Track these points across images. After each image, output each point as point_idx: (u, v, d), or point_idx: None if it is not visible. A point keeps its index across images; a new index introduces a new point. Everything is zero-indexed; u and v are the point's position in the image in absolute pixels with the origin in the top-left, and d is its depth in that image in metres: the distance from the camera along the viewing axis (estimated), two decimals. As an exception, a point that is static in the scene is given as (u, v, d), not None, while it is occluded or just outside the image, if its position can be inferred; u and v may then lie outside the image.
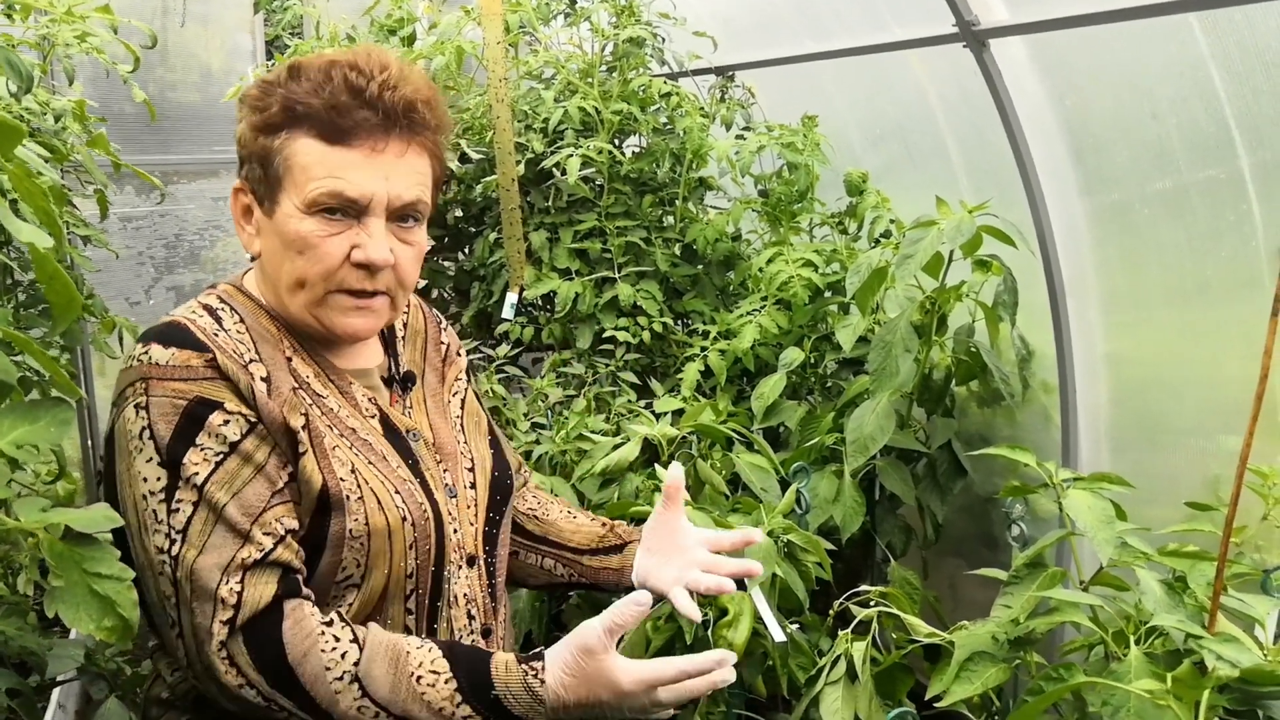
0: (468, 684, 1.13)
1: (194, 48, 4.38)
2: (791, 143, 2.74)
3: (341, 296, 1.21)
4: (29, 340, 0.82)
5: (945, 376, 2.38)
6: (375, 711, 1.10)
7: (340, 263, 1.19)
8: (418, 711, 1.11)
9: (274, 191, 1.20)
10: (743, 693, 1.98)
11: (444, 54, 2.93)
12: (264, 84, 1.22)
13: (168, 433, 1.11)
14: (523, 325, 2.90)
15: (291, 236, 1.18)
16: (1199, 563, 1.52)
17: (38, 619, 1.98)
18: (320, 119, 1.17)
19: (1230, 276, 1.98)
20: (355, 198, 1.17)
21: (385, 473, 1.23)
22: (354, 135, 1.17)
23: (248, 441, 1.14)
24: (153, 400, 1.12)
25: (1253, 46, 1.74)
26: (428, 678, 1.12)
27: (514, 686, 1.14)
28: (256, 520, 1.11)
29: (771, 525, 1.88)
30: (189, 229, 4.38)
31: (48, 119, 2.29)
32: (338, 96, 1.17)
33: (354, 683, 1.09)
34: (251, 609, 1.08)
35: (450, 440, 1.35)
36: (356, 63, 1.19)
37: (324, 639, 1.10)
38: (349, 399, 1.26)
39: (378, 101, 1.17)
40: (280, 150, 1.18)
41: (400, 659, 1.12)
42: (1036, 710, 1.21)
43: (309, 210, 1.17)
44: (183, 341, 1.16)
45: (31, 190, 0.96)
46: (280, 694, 1.09)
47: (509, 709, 1.14)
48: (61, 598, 0.78)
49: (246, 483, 1.12)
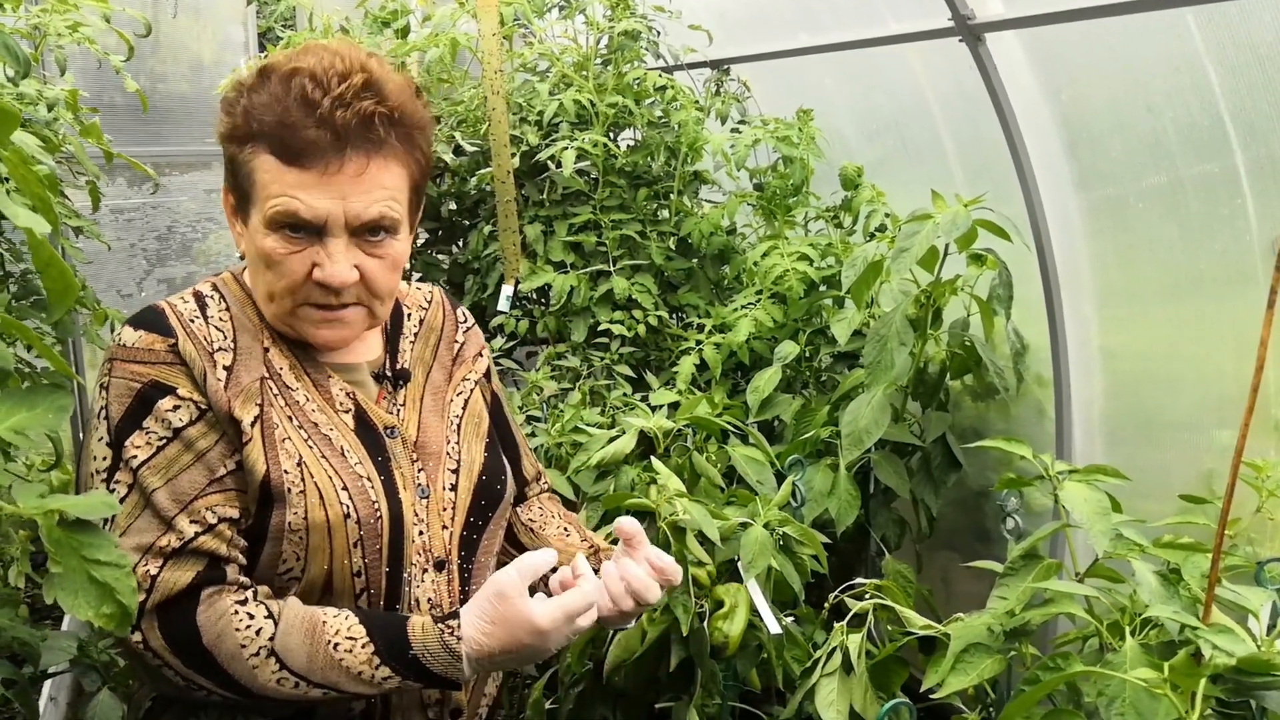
0: (384, 646, 1.14)
1: (185, 39, 4.36)
2: (787, 136, 2.74)
3: (309, 309, 1.21)
4: (24, 326, 0.81)
5: (940, 370, 2.39)
6: (295, 682, 1.11)
7: (303, 280, 1.18)
8: (337, 678, 1.12)
9: (246, 202, 1.20)
10: (737, 685, 1.99)
11: (438, 46, 2.92)
12: (237, 85, 1.19)
13: (119, 413, 1.13)
14: (517, 318, 2.89)
15: (258, 251, 1.18)
16: (1193, 555, 1.52)
17: (29, 612, 1.97)
18: (274, 137, 1.14)
19: (1224, 271, 1.99)
20: (310, 219, 1.15)
21: (338, 468, 1.21)
22: (306, 156, 1.14)
23: (193, 429, 1.15)
24: (113, 380, 1.15)
25: (1247, 41, 1.74)
26: (344, 644, 1.13)
27: (431, 645, 1.15)
28: (186, 508, 1.12)
29: (767, 518, 1.88)
30: (181, 221, 4.36)
31: (40, 109, 2.27)
32: (290, 114, 1.13)
33: (270, 657, 1.10)
34: (164, 593, 1.09)
35: (437, 440, 1.32)
36: (315, 72, 1.14)
37: (237, 618, 1.11)
38: (322, 392, 1.25)
39: (329, 119, 1.13)
40: (246, 163, 1.17)
41: (316, 629, 1.13)
42: (1034, 699, 1.21)
43: (270, 227, 1.17)
44: (151, 325, 1.17)
45: (28, 177, 0.95)
46: (198, 674, 1.10)
47: (428, 667, 1.14)
48: (60, 584, 0.78)
49: (183, 470, 1.13)
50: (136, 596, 0.83)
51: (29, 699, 1.52)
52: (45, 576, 0.80)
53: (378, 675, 1.13)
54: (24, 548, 2.62)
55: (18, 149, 0.96)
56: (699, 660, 1.85)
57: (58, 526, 0.80)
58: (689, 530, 1.83)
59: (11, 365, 0.82)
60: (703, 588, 1.84)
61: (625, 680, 1.91)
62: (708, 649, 1.82)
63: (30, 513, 0.76)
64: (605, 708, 2.04)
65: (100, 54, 2.55)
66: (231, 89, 1.20)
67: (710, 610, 1.83)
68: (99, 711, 1.90)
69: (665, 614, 1.83)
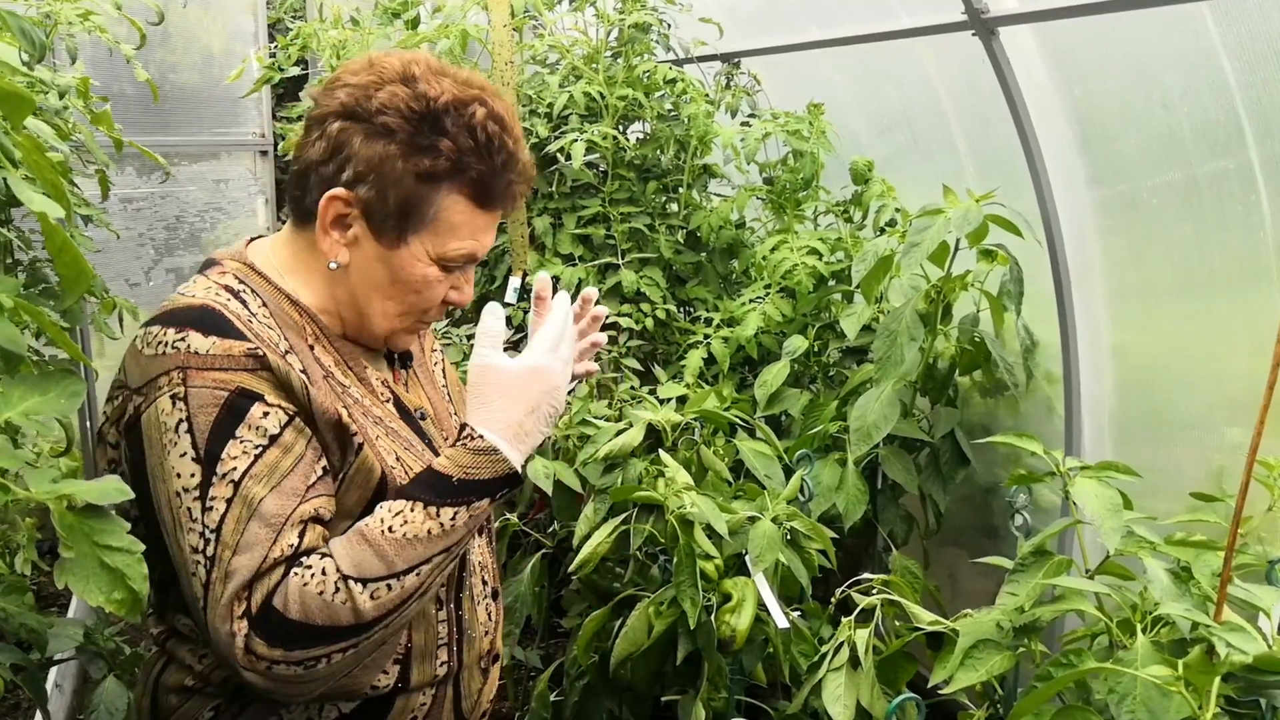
0: (432, 494, 1.13)
1: (195, 30, 4.36)
2: (797, 130, 2.73)
3: (418, 324, 1.28)
4: (39, 310, 0.81)
5: (949, 366, 2.38)
6: (387, 584, 1.08)
7: (439, 302, 1.26)
8: (417, 552, 1.10)
9: (404, 230, 1.19)
10: (744, 679, 1.98)
11: (449, 38, 2.92)
12: (416, 117, 1.16)
13: (207, 426, 1.07)
14: (526, 311, 2.89)
15: (415, 279, 1.21)
16: (1204, 553, 1.52)
17: (35, 599, 1.97)
18: (481, 184, 1.19)
19: (1238, 269, 1.98)
20: (480, 257, 1.25)
21: (418, 457, 1.24)
22: (501, 201, 1.22)
23: (287, 433, 1.11)
24: (191, 391, 1.08)
25: (1265, 35, 1.73)
26: (396, 522, 1.11)
27: (464, 460, 1.15)
28: (291, 515, 1.08)
29: (775, 512, 1.88)
30: (189, 211, 4.36)
31: (51, 97, 2.27)
32: (499, 165, 1.19)
33: (350, 581, 1.07)
34: (260, 599, 1.05)
35: (445, 412, 1.38)
36: (502, 117, 1.19)
37: (299, 579, 1.07)
38: (366, 385, 1.25)
39: (524, 170, 1.22)
40: (433, 199, 1.18)
41: (364, 533, 1.11)
42: (1046, 696, 1.21)
43: (438, 261, 1.21)
44: (224, 330, 1.12)
45: (41, 163, 0.95)
46: (311, 648, 1.05)
47: (480, 479, 1.14)
48: (71, 570, 0.78)
49: (285, 475, 1.09)
50: (147, 583, 0.82)
51: (37, 685, 1.52)
52: (56, 562, 0.79)
53: (444, 520, 1.12)
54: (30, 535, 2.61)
55: (31, 135, 0.96)
56: (706, 654, 1.84)
57: (69, 512, 0.80)
58: (697, 523, 1.83)
59: (25, 350, 0.82)
60: (710, 581, 1.84)
61: (631, 673, 1.90)
62: (715, 643, 1.81)
63: (43, 497, 0.76)
64: (611, 701, 2.04)
65: (111, 43, 2.54)
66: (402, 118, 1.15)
67: (717, 604, 1.83)
68: (105, 698, 1.91)
69: (673, 607, 1.83)
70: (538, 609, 2.30)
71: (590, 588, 2.16)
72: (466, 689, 1.31)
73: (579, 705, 2.05)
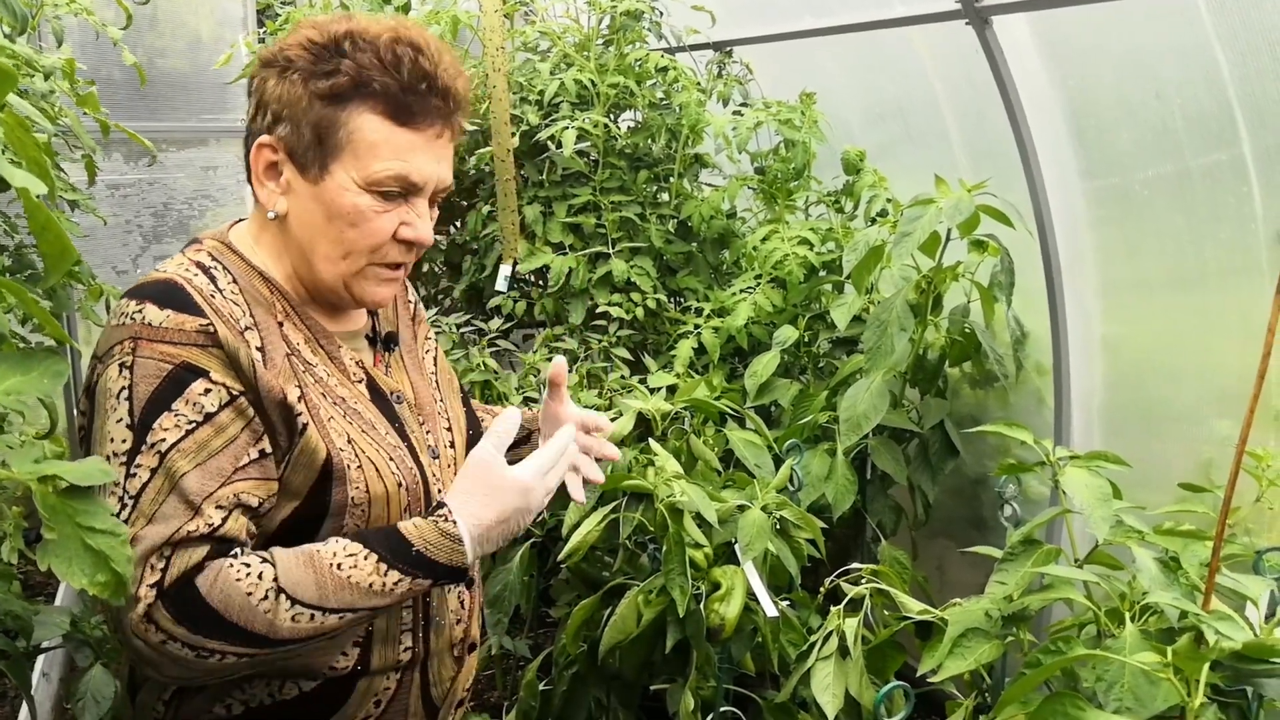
0: (386, 553, 1.14)
1: (184, 14, 4.32)
2: (789, 120, 2.73)
3: (380, 269, 1.24)
4: (20, 288, 0.79)
5: (939, 357, 2.38)
6: (310, 614, 1.10)
7: (388, 238, 1.22)
8: (351, 597, 1.11)
9: (325, 160, 1.18)
10: (733, 668, 1.98)
11: (439, 24, 2.90)
12: (317, 47, 1.18)
13: (146, 395, 1.09)
14: (515, 300, 2.88)
15: (346, 209, 1.18)
16: (1192, 543, 1.52)
17: (22, 588, 1.95)
18: (393, 99, 1.17)
19: (1229, 262, 1.98)
20: (418, 183, 1.20)
21: (377, 440, 1.23)
22: (422, 119, 1.19)
23: (224, 414, 1.12)
24: (139, 361, 1.10)
25: (1259, 25, 1.73)
26: (347, 562, 1.12)
27: (430, 536, 1.16)
28: (212, 495, 1.09)
29: (765, 501, 1.87)
30: (177, 198, 4.33)
31: (37, 80, 2.24)
32: (412, 80, 1.18)
33: (280, 595, 1.09)
34: (175, 575, 1.06)
35: (429, 399, 1.37)
36: (416, 43, 1.19)
37: (234, 571, 1.08)
38: (337, 364, 1.25)
39: (445, 90, 1.20)
40: (346, 123, 1.17)
41: (314, 557, 1.12)
42: (1034, 683, 1.21)
43: (367, 186, 1.18)
44: (180, 304, 1.13)
45: (24, 141, 0.94)
46: (209, 639, 1.06)
47: (433, 559, 1.15)
48: (55, 551, 0.77)
49: (212, 455, 1.10)
50: (131, 565, 0.81)
51: (22, 672, 1.51)
52: (39, 544, 0.78)
53: (388, 581, 1.13)
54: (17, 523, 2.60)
55: (12, 111, 0.94)
56: (695, 642, 1.84)
57: (52, 493, 0.78)
58: (686, 512, 1.82)
59: (6, 328, 0.80)
60: (699, 569, 1.84)
61: (620, 662, 1.90)
62: (704, 631, 1.81)
63: (24, 478, 0.75)
64: (600, 690, 2.04)
65: (98, 26, 2.52)
66: (304, 49, 1.18)
67: (706, 592, 1.83)
68: (92, 686, 1.90)
69: (661, 595, 1.82)
70: (526, 598, 2.30)
71: (579, 576, 2.15)
72: (436, 676, 1.30)
73: (567, 694, 2.04)
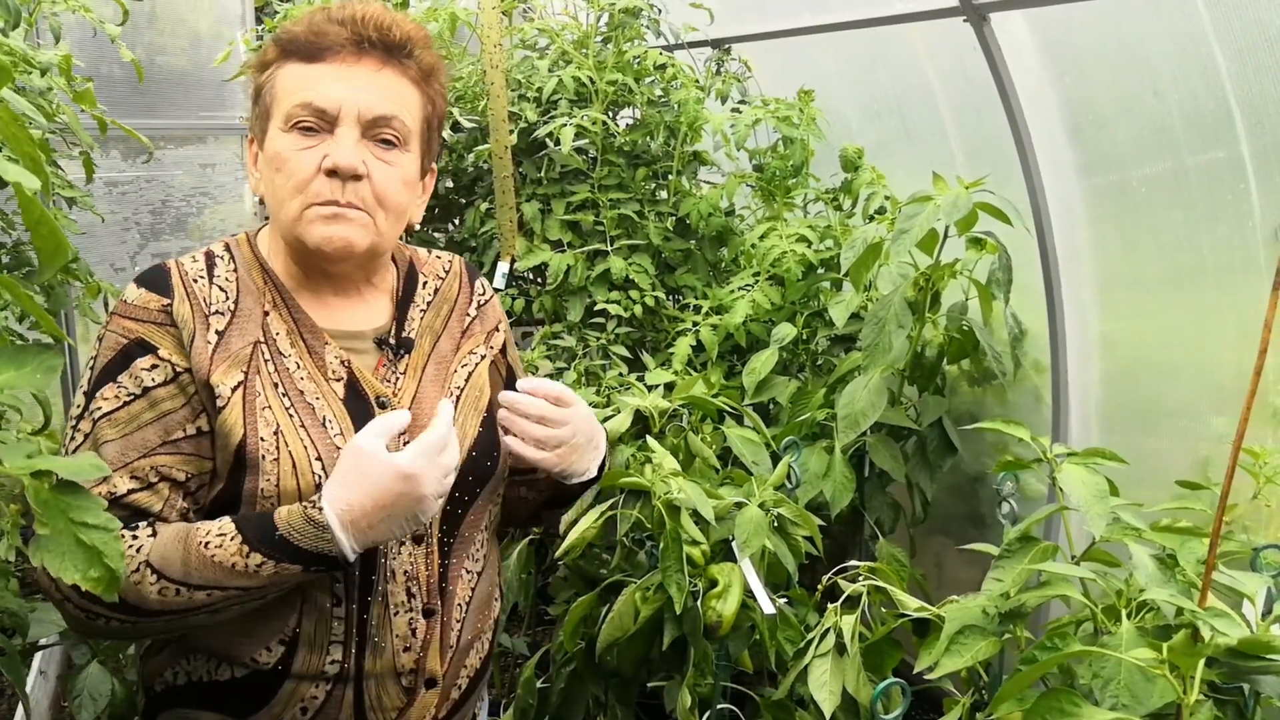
0: (253, 535, 1.15)
1: (183, 11, 4.32)
2: (787, 117, 2.72)
3: (316, 209, 1.23)
4: (14, 283, 0.79)
5: (937, 354, 2.38)
6: (176, 589, 1.12)
7: (314, 173, 1.21)
8: (214, 575, 1.13)
9: (265, 123, 1.25)
10: (730, 665, 1.98)
11: (437, 21, 2.90)
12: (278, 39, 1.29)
13: (101, 366, 1.17)
14: (513, 297, 2.88)
15: (271, 155, 1.23)
16: (1189, 540, 1.52)
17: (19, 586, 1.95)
18: (300, 43, 1.23)
19: (1226, 260, 1.98)
20: (324, 107, 1.20)
21: (315, 438, 1.21)
22: (328, 52, 1.22)
23: (163, 389, 1.17)
24: (107, 334, 1.19)
25: (1255, 21, 1.73)
26: (214, 541, 1.14)
27: (295, 521, 1.15)
28: (130, 465, 1.15)
29: (763, 498, 1.87)
30: (175, 195, 4.33)
31: (34, 77, 2.24)
32: (315, 23, 1.23)
33: (148, 569, 1.12)
34: None
35: (430, 412, 1.30)
36: (347, 7, 1.25)
37: (122, 540, 1.10)
38: (316, 359, 1.25)
39: (350, 21, 1.23)
40: (268, 82, 1.25)
41: (189, 535, 1.15)
42: (1030, 679, 1.21)
43: (287, 128, 1.22)
44: (153, 284, 1.21)
45: (18, 135, 0.93)
46: (97, 604, 1.11)
47: (297, 544, 1.14)
48: (47, 546, 0.76)
49: (140, 428, 1.16)
50: (124, 560, 0.81)
51: (16, 669, 1.51)
52: (32, 539, 0.78)
53: (250, 563, 1.14)
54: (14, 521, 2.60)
55: (7, 106, 0.94)
56: (692, 639, 1.84)
57: (45, 489, 0.78)
58: (684, 509, 1.82)
59: (1, 326, 0.80)
60: (697, 566, 1.84)
61: (617, 659, 1.90)
62: (701, 628, 1.81)
63: (17, 472, 0.75)
64: (597, 687, 2.04)
65: (96, 22, 2.51)
66: None
67: (704, 589, 1.82)
68: (88, 684, 1.90)
69: (659, 592, 1.82)
70: (524, 596, 2.30)
71: (577, 574, 2.15)
72: (375, 701, 1.26)
73: (565, 691, 2.04)
